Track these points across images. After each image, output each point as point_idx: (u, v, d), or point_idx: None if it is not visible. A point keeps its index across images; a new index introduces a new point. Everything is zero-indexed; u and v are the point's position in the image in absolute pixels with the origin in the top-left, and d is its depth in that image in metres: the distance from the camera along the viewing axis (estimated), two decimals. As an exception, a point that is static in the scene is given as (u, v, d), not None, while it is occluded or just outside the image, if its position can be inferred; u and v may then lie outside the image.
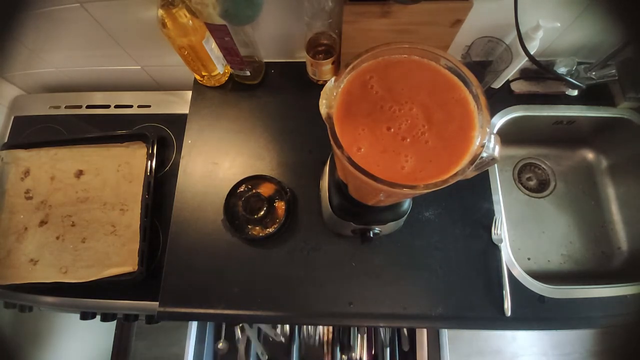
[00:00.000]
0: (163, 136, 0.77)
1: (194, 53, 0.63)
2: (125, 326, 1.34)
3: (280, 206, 0.64)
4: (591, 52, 0.70)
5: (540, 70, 0.63)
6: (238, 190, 0.65)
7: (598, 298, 0.59)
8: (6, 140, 0.80)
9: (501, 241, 0.62)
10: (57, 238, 0.68)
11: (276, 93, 0.74)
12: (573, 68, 0.69)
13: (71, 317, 0.93)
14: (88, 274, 0.64)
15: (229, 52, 0.63)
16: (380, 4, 0.54)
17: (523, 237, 0.78)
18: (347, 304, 0.59)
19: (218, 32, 0.57)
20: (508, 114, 0.71)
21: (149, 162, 0.70)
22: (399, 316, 0.58)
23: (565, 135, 0.78)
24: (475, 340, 1.36)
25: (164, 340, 1.36)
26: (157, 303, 0.60)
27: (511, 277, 0.60)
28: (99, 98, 0.82)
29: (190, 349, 0.72)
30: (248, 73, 0.70)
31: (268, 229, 0.62)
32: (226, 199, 0.63)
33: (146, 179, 0.69)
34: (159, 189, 0.71)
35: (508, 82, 0.72)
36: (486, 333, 1.37)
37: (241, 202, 0.63)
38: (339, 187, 0.51)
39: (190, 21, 0.57)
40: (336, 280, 0.60)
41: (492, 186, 0.66)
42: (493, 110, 0.70)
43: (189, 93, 0.75)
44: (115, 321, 0.73)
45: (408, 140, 0.30)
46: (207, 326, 0.82)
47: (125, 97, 0.81)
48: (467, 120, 0.30)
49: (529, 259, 0.76)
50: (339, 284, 0.60)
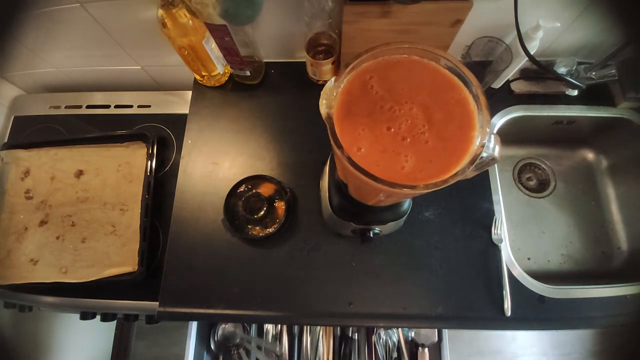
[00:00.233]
0: (163, 136, 0.77)
1: (194, 53, 0.63)
2: (125, 326, 1.34)
3: (280, 206, 0.64)
4: (591, 52, 0.70)
5: (540, 70, 0.63)
6: (238, 190, 0.65)
7: (598, 298, 0.59)
8: (6, 140, 0.80)
9: (501, 241, 0.62)
10: (57, 238, 0.68)
11: (276, 93, 0.74)
12: (573, 68, 0.69)
13: (71, 317, 0.93)
14: (88, 274, 0.64)
15: (229, 52, 0.63)
16: (380, 4, 0.54)
17: (523, 237, 0.78)
18: (347, 304, 0.59)
19: (218, 32, 0.57)
20: (508, 114, 0.71)
21: (149, 162, 0.70)
22: (399, 316, 0.58)
23: (565, 135, 0.78)
24: (475, 340, 1.36)
25: (164, 340, 1.36)
26: (157, 303, 0.60)
27: (511, 277, 0.60)
28: (99, 98, 0.82)
29: (190, 349, 0.72)
30: (248, 73, 0.70)
31: (268, 229, 0.62)
32: (226, 199, 0.63)
33: (146, 179, 0.69)
34: (159, 189, 0.71)
35: (508, 82, 0.72)
36: (486, 333, 1.37)
37: (241, 202, 0.63)
38: (339, 187, 0.51)
39: (190, 21, 0.57)
40: (336, 280, 0.60)
41: (492, 186, 0.66)
42: (493, 110, 0.70)
43: (189, 93, 0.75)
44: (115, 321, 0.73)
45: (408, 140, 0.30)
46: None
47: (125, 97, 0.81)
48: (467, 120, 0.30)
49: (529, 259, 0.76)
50: (339, 284, 0.60)
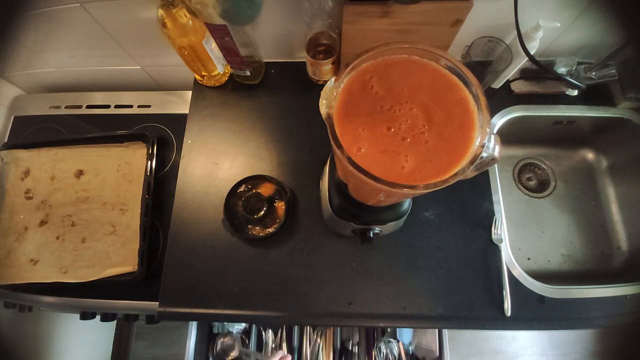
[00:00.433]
0: (163, 136, 0.77)
1: (194, 53, 0.63)
2: (125, 326, 1.34)
3: (280, 206, 0.64)
4: (591, 52, 0.70)
5: (540, 70, 0.63)
6: (238, 190, 0.65)
7: (598, 298, 0.59)
8: (6, 140, 0.80)
9: (501, 241, 0.62)
10: (57, 238, 0.68)
11: (276, 93, 0.74)
12: (573, 68, 0.69)
13: (71, 317, 0.94)
14: (88, 274, 0.64)
15: (229, 52, 0.63)
16: (380, 4, 0.54)
17: (523, 237, 0.78)
18: (347, 304, 0.59)
19: (218, 32, 0.57)
20: (508, 114, 0.71)
21: (149, 162, 0.70)
22: (399, 316, 0.58)
23: (565, 135, 0.78)
24: (475, 340, 1.36)
25: (164, 340, 1.36)
26: (157, 303, 0.60)
27: (511, 277, 0.60)
28: (99, 98, 0.82)
29: (190, 349, 0.72)
30: (248, 73, 0.70)
31: (268, 229, 0.62)
32: (226, 199, 0.63)
33: (146, 179, 0.69)
34: (159, 189, 0.71)
35: (508, 82, 0.72)
36: (486, 333, 1.37)
37: (241, 202, 0.63)
38: (339, 187, 0.51)
39: (190, 21, 0.57)
40: (336, 280, 0.60)
41: (492, 186, 0.66)
42: (493, 110, 0.70)
43: (189, 93, 0.75)
44: (115, 321, 0.74)
45: (408, 140, 0.30)
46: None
47: (125, 97, 0.81)
48: (467, 120, 0.30)
49: (529, 259, 0.76)
50: (339, 284, 0.60)
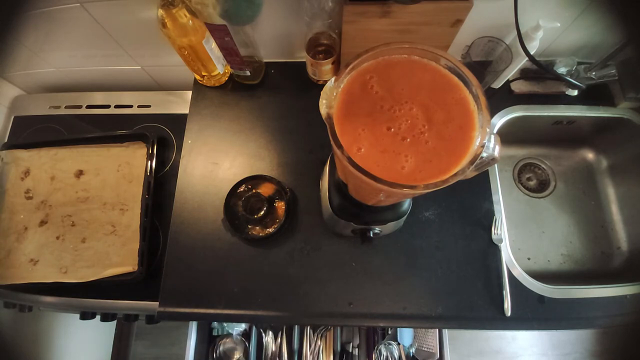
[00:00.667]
0: (163, 136, 0.77)
1: (194, 53, 0.63)
2: (125, 326, 1.34)
3: (280, 206, 0.64)
4: (591, 52, 0.70)
5: (540, 70, 0.63)
6: (238, 190, 0.65)
7: (598, 298, 0.59)
8: (6, 140, 0.80)
9: (501, 241, 0.62)
10: (57, 238, 0.68)
11: (276, 93, 0.74)
12: (573, 68, 0.69)
13: (71, 317, 0.94)
14: (88, 274, 0.64)
15: (229, 52, 0.63)
16: (380, 4, 0.54)
17: (523, 237, 0.78)
18: (347, 304, 0.59)
19: (218, 32, 0.57)
20: (508, 114, 0.71)
21: (149, 162, 0.70)
22: (399, 316, 0.58)
23: (565, 135, 0.78)
24: (475, 340, 1.36)
25: (164, 340, 1.36)
26: (157, 303, 0.60)
27: (511, 277, 0.60)
28: (99, 98, 0.82)
29: (190, 349, 0.72)
30: (248, 73, 0.70)
31: (268, 229, 0.62)
32: (226, 199, 0.63)
33: (146, 179, 0.69)
34: (159, 189, 0.71)
35: (508, 82, 0.72)
36: (486, 333, 1.37)
37: (241, 202, 0.63)
38: (339, 187, 0.51)
39: (190, 21, 0.57)
40: (336, 280, 0.60)
41: (492, 186, 0.66)
42: (493, 110, 0.70)
43: (189, 93, 0.75)
44: (115, 321, 0.74)
45: (408, 140, 0.30)
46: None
47: (125, 97, 0.81)
48: (467, 120, 0.30)
49: (529, 259, 0.76)
50: (339, 284, 0.60)
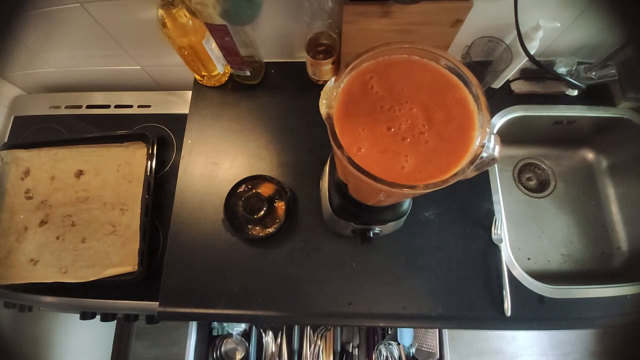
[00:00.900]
0: (163, 136, 0.77)
1: (194, 53, 0.63)
2: (125, 326, 1.34)
3: (280, 206, 0.64)
4: (591, 52, 0.70)
5: (540, 70, 0.63)
6: (238, 190, 0.65)
7: (598, 298, 0.59)
8: (6, 140, 0.80)
9: (501, 241, 0.62)
10: (57, 238, 0.68)
11: (276, 93, 0.74)
12: (573, 68, 0.69)
13: (71, 317, 0.94)
14: (88, 274, 0.64)
15: (229, 52, 0.63)
16: (380, 4, 0.54)
17: (523, 237, 0.78)
18: (347, 304, 0.59)
19: (218, 32, 0.57)
20: (508, 114, 0.71)
21: (149, 162, 0.70)
22: (399, 316, 0.58)
23: (565, 135, 0.78)
24: (475, 340, 1.36)
25: (164, 340, 1.36)
26: (157, 303, 0.60)
27: (511, 277, 0.60)
28: (99, 98, 0.82)
29: (190, 349, 0.72)
30: (248, 73, 0.70)
31: (268, 229, 0.62)
32: (226, 199, 0.63)
33: (146, 179, 0.69)
34: (159, 189, 0.71)
35: (508, 82, 0.72)
36: (486, 333, 1.37)
37: (241, 202, 0.63)
38: (339, 187, 0.51)
39: (190, 21, 0.57)
40: (336, 280, 0.60)
41: (492, 186, 0.66)
42: (493, 110, 0.70)
43: (189, 93, 0.75)
44: (115, 321, 0.74)
45: (408, 140, 0.30)
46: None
47: (125, 97, 0.81)
48: (467, 120, 0.30)
49: (529, 259, 0.76)
50: (339, 284, 0.60)
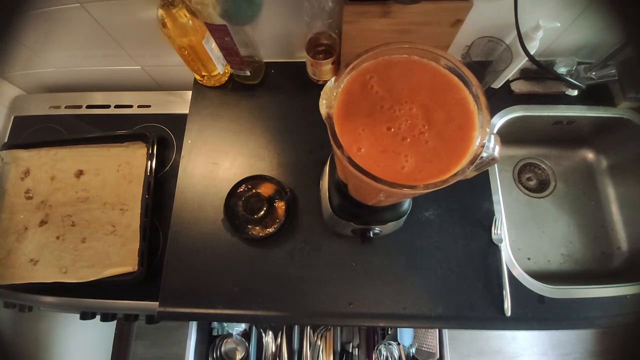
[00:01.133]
0: (163, 136, 0.77)
1: (194, 53, 0.63)
2: (125, 326, 1.34)
3: (280, 206, 0.64)
4: (591, 52, 0.70)
5: (540, 70, 0.63)
6: (238, 190, 0.65)
7: (598, 298, 0.59)
8: (6, 140, 0.80)
9: (501, 241, 0.62)
10: (57, 238, 0.68)
11: (276, 93, 0.74)
12: (573, 68, 0.69)
13: (71, 317, 0.94)
14: (88, 274, 0.64)
15: (229, 52, 0.63)
16: (380, 4, 0.54)
17: (523, 237, 0.78)
18: (347, 304, 0.59)
19: (218, 32, 0.57)
20: (508, 114, 0.71)
21: (149, 162, 0.70)
22: (399, 316, 0.58)
23: (565, 135, 0.78)
24: (475, 340, 1.36)
25: (164, 340, 1.36)
26: (157, 303, 0.60)
27: (511, 277, 0.60)
28: (99, 98, 0.82)
29: (190, 349, 0.72)
30: (248, 73, 0.70)
31: (268, 229, 0.62)
32: (226, 199, 0.63)
33: (146, 179, 0.69)
34: (159, 189, 0.71)
35: (508, 82, 0.72)
36: (486, 333, 1.37)
37: (241, 202, 0.63)
38: (339, 187, 0.51)
39: (190, 21, 0.57)
40: (336, 280, 0.60)
41: (492, 186, 0.66)
42: (493, 110, 0.70)
43: (189, 93, 0.75)
44: (115, 321, 0.73)
45: (408, 140, 0.30)
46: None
47: (125, 97, 0.81)
48: (467, 120, 0.30)
49: (529, 259, 0.76)
50: (339, 284, 0.60)
